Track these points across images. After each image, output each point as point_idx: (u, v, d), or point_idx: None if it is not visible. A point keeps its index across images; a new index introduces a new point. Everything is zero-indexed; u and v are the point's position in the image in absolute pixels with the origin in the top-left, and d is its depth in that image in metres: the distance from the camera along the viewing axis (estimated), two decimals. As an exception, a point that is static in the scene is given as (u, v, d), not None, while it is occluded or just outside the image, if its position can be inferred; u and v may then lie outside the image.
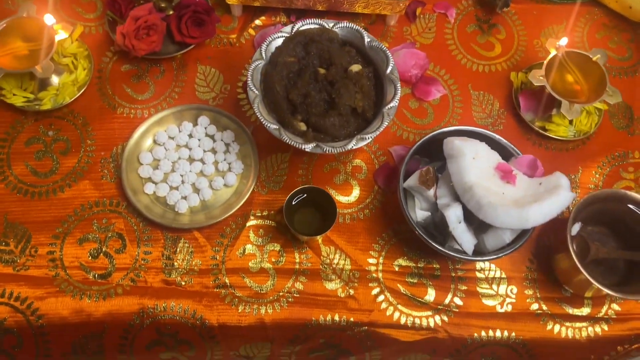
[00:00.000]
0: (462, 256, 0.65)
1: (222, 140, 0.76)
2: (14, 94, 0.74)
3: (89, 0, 0.83)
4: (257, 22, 0.84)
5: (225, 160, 0.75)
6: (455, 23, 0.86)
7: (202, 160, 0.75)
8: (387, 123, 0.65)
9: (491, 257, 0.66)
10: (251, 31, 0.83)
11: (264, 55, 0.67)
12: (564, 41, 0.75)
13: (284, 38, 0.69)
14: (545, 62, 0.75)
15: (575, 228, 0.69)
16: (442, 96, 0.81)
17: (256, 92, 0.66)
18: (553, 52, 0.75)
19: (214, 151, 0.75)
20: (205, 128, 0.76)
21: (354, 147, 0.64)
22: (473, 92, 0.82)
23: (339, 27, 0.69)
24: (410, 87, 0.81)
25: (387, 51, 0.68)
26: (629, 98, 0.82)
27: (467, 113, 0.80)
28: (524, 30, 0.86)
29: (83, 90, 0.76)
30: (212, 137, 0.76)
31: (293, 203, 0.69)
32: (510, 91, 0.81)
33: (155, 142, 0.75)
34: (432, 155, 0.72)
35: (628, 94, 0.82)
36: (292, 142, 0.64)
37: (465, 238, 0.65)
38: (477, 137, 0.70)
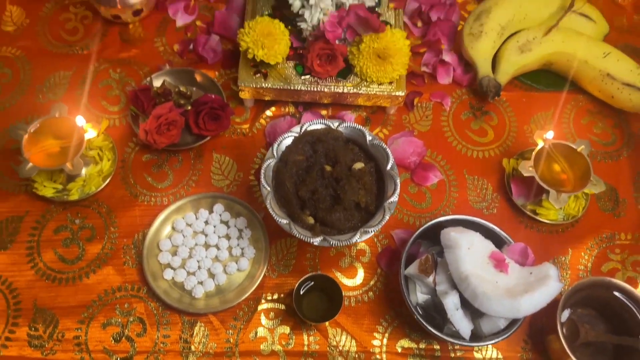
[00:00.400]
0: (459, 342, 0.70)
1: (235, 226, 0.81)
2: (44, 186, 0.81)
3: (114, 95, 0.91)
4: (268, 112, 0.91)
5: (238, 245, 0.81)
6: (450, 111, 0.93)
7: (217, 246, 0.80)
8: (388, 217, 0.71)
9: (487, 343, 0.70)
10: (262, 121, 0.90)
11: (275, 154, 0.74)
12: (550, 134, 0.81)
13: (293, 137, 0.75)
14: (534, 153, 0.81)
15: (565, 314, 0.74)
16: (439, 181, 0.87)
17: (268, 188, 0.72)
18: (541, 144, 0.82)
19: (228, 237, 0.81)
20: (220, 215, 0.82)
21: (358, 240, 0.70)
22: (468, 177, 0.88)
23: (343, 127, 0.76)
24: (410, 172, 0.87)
25: (387, 149, 0.74)
26: (613, 181, 0.88)
27: (462, 197, 0.86)
28: (515, 117, 0.93)
29: (108, 180, 0.83)
30: (226, 223, 0.82)
31: (301, 292, 0.74)
32: (502, 176, 0.87)
33: (174, 229, 0.81)
34: (432, 238, 0.78)
35: (613, 178, 0.88)
36: (302, 237, 0.70)
37: (462, 324, 0.70)
38: (472, 226, 0.76)
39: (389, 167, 0.73)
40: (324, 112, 0.91)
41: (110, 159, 0.84)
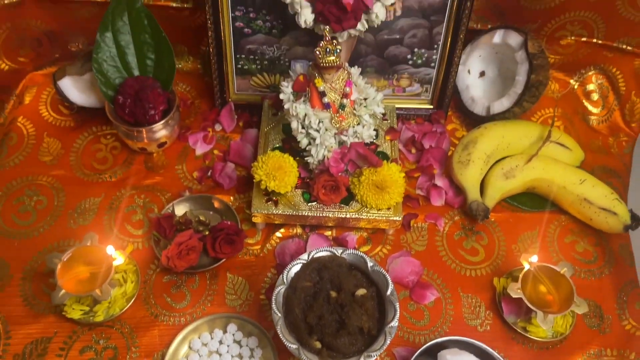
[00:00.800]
0: None
1: (247, 345, 0.88)
2: (73, 308, 0.88)
3: (138, 219, 1.00)
4: (278, 234, 1.00)
5: (250, 364, 0.87)
6: (444, 231, 1.01)
7: (230, 365, 0.87)
8: (389, 341, 0.77)
9: None
10: (272, 242, 0.99)
11: (285, 280, 0.82)
12: (534, 258, 0.90)
13: (301, 265, 0.83)
14: (521, 276, 0.89)
15: None
16: (436, 299, 0.94)
17: (279, 314, 0.79)
18: (527, 266, 0.90)
19: (240, 356, 0.87)
20: (233, 335, 0.89)
21: (362, 364, 0.76)
22: (462, 295, 0.95)
23: (346, 254, 0.85)
24: (408, 290, 0.95)
25: (387, 275, 0.82)
26: (598, 298, 0.95)
27: (458, 314, 0.93)
28: (503, 237, 1.01)
29: (131, 302, 0.90)
30: (239, 342, 0.88)
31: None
32: (494, 294, 0.95)
33: (190, 348, 0.87)
34: (431, 355, 0.84)
35: (596, 295, 0.95)
36: (309, 361, 0.76)
37: None
38: (467, 346, 0.82)
39: (388, 292, 0.81)
40: (328, 233, 1.00)
41: (133, 281, 0.92)
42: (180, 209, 0.99)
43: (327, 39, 0.86)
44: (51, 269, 0.87)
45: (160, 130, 1.03)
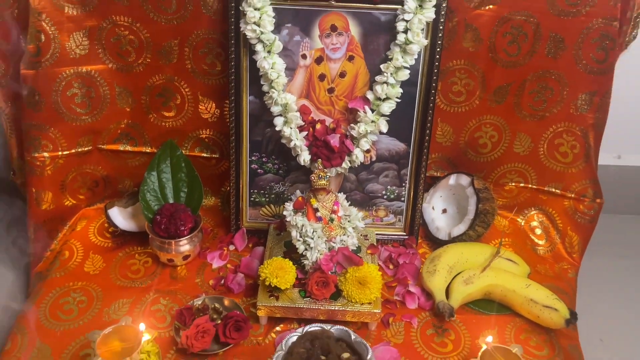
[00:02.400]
0: None
1: (249, 414, 1.02)
2: (104, 380, 1.04)
3: (161, 315, 1.20)
4: (278, 328, 1.19)
5: None
6: (417, 328, 1.21)
7: None
8: (368, 393, 0.93)
9: None
10: (273, 335, 1.18)
11: (284, 347, 1.01)
12: (489, 338, 1.08)
13: (297, 336, 1.03)
14: (480, 353, 1.07)
15: None
16: (412, 381, 1.10)
17: (278, 372, 0.97)
18: (484, 347, 1.08)
19: (243, 422, 1.01)
20: (238, 404, 1.03)
21: (346, 411, 0.91)
22: (435, 378, 1.11)
23: (334, 329, 1.04)
24: (388, 374, 1.11)
25: (367, 344, 1.01)
26: (550, 381, 1.11)
27: (431, 394, 1.08)
28: (468, 334, 1.20)
29: (152, 377, 1.07)
30: (242, 411, 1.03)
31: None
32: (461, 377, 1.11)
33: (200, 415, 1.02)
34: None
35: (549, 378, 1.11)
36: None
37: None
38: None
39: (368, 357, 0.99)
40: (320, 329, 1.19)
41: (155, 361, 1.09)
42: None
43: (320, 168, 1.18)
44: (86, 350, 1.06)
45: (186, 245, 1.29)
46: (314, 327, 1.04)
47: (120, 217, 1.37)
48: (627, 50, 1.33)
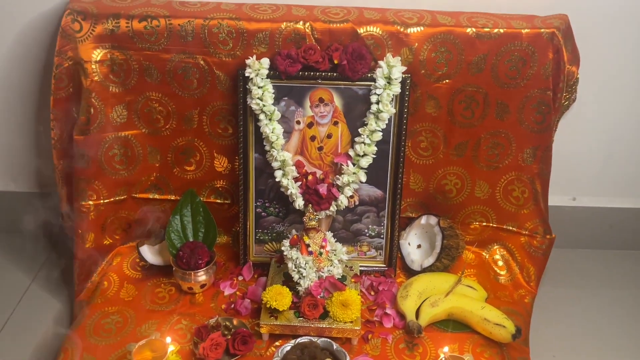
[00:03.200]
0: None
1: (253, 409, 1.28)
2: (137, 382, 1.32)
3: (182, 332, 1.48)
4: (277, 342, 1.45)
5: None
6: (392, 343, 1.46)
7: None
8: (345, 389, 1.20)
9: None
10: (273, 348, 1.44)
11: (279, 355, 1.28)
12: (446, 349, 1.34)
13: (290, 346, 1.30)
14: (438, 360, 1.33)
15: None
16: (385, 385, 1.36)
17: (275, 373, 1.24)
18: (442, 356, 1.34)
19: (248, 415, 1.27)
20: (244, 402, 1.30)
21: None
22: (405, 384, 1.37)
23: (320, 341, 1.32)
24: (366, 380, 1.37)
25: (346, 353, 1.28)
26: (498, 385, 1.36)
27: (400, 394, 1.34)
28: (434, 348, 1.46)
29: (175, 381, 1.34)
30: (247, 407, 1.29)
31: None
32: (425, 381, 1.36)
33: (214, 409, 1.28)
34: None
35: (497, 383, 1.36)
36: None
37: None
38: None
39: (346, 361, 1.26)
40: (312, 344, 1.45)
41: (178, 369, 1.37)
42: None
43: (311, 211, 1.47)
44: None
45: (203, 275, 1.57)
46: (303, 339, 1.32)
47: (149, 253, 1.66)
48: (570, 109, 1.63)
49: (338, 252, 1.50)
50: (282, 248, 1.49)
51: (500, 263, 1.74)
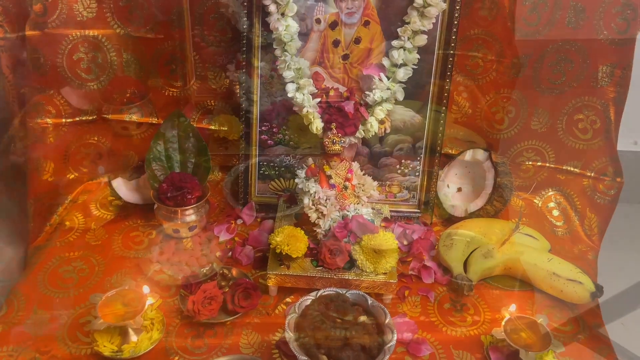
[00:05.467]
0: None
1: (259, 382, 0.96)
2: (104, 346, 0.98)
3: (166, 285, 1.14)
4: (288, 299, 1.13)
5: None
6: (435, 302, 1.15)
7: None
8: (387, 357, 0.88)
9: None
10: (283, 306, 1.12)
11: (297, 310, 0.95)
12: (513, 307, 1.03)
13: (311, 299, 0.97)
14: (503, 322, 1.01)
15: None
16: (430, 354, 1.04)
17: (291, 334, 0.91)
18: (507, 316, 1.02)
19: (252, 390, 0.95)
20: (247, 373, 0.97)
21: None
22: (454, 351, 1.05)
23: (350, 293, 0.99)
24: (405, 346, 1.05)
25: (385, 308, 0.95)
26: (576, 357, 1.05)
27: (451, 366, 1.02)
28: (487, 308, 1.14)
29: (155, 344, 1.00)
30: (251, 380, 0.96)
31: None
32: (482, 348, 1.05)
33: (206, 383, 0.95)
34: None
35: (574, 355, 1.05)
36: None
37: None
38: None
39: (387, 321, 0.94)
40: (333, 302, 1.13)
41: (159, 330, 1.03)
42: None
43: (334, 132, 1.13)
44: (86, 317, 1.00)
45: (192, 215, 1.23)
46: (328, 291, 0.99)
47: (124, 188, 1.32)
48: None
49: (367, 186, 1.17)
50: (296, 180, 1.16)
51: (556, 212, 1.43)
